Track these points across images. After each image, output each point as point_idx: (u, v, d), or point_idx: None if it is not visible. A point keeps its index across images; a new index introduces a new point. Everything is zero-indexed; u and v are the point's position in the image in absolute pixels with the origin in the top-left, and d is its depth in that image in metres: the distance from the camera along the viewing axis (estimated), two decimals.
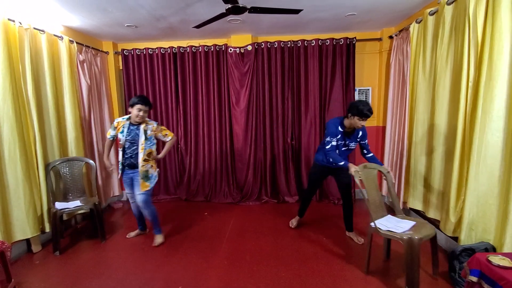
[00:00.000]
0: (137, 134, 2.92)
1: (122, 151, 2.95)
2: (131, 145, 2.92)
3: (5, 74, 2.64)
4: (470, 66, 2.37)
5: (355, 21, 3.68)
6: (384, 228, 2.30)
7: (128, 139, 2.91)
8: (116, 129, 2.95)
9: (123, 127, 2.93)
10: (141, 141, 2.92)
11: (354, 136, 2.92)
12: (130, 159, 2.95)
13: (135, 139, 2.92)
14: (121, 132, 2.92)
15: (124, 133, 2.91)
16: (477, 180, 2.35)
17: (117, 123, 2.96)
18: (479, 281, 1.82)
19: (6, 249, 2.29)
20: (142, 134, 2.92)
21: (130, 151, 2.93)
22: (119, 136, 2.94)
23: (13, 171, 2.73)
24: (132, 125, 2.93)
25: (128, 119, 2.95)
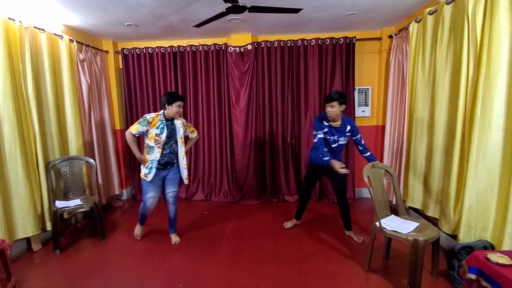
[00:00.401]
0: (173, 129, 2.88)
1: (160, 149, 2.82)
2: (168, 141, 2.85)
3: (6, 73, 2.64)
4: (469, 65, 2.39)
5: (354, 21, 3.69)
6: (389, 228, 2.31)
7: (166, 135, 2.82)
8: (150, 125, 2.77)
9: (160, 123, 2.80)
10: (180, 135, 2.91)
11: (342, 131, 2.93)
12: (169, 156, 2.88)
13: (172, 135, 2.87)
14: (157, 127, 2.78)
15: (163, 129, 2.80)
16: (477, 179, 2.36)
17: (151, 119, 2.78)
18: (478, 278, 1.84)
19: (6, 248, 2.29)
20: (180, 128, 2.90)
21: (168, 147, 2.86)
22: (155, 132, 2.78)
23: (13, 170, 2.74)
24: (167, 120, 2.86)
25: (163, 115, 2.84)
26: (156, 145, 2.81)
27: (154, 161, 2.83)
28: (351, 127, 2.94)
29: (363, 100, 4.32)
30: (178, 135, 2.90)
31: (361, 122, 4.36)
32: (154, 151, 2.83)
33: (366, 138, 4.32)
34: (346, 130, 2.92)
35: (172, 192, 3.01)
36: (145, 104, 4.47)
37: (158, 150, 2.82)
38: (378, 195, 2.54)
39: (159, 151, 2.82)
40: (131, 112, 4.50)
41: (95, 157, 3.94)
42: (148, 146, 2.86)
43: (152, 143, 2.81)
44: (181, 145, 2.93)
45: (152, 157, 2.83)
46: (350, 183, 4.30)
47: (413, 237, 2.15)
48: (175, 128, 2.89)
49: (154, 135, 2.79)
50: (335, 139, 2.94)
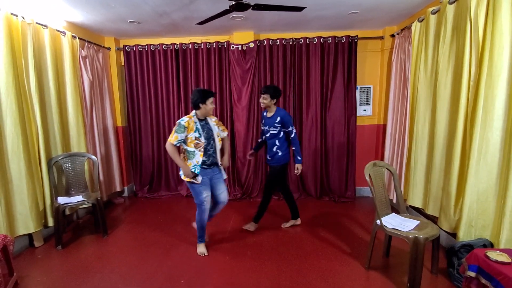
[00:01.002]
0: (209, 128, 2.74)
1: (201, 152, 2.67)
2: (209, 141, 2.70)
3: (8, 69, 2.65)
4: (471, 65, 2.40)
5: (357, 20, 3.69)
6: (390, 226, 2.33)
7: (204, 136, 2.67)
8: (188, 130, 2.61)
9: (196, 126, 2.64)
10: (216, 132, 2.77)
11: (271, 121, 3.10)
12: (213, 156, 2.75)
13: (210, 135, 2.72)
14: (195, 131, 2.63)
15: (201, 131, 2.65)
16: (477, 178, 2.38)
17: (186, 123, 2.60)
18: (477, 276, 1.86)
19: (8, 243, 2.31)
20: (214, 125, 2.78)
21: (210, 147, 2.72)
22: (194, 136, 2.62)
23: (16, 166, 2.75)
24: (200, 120, 2.71)
25: (194, 116, 2.69)
26: (196, 149, 2.66)
27: (197, 165, 2.67)
28: (281, 119, 3.05)
29: (364, 99, 4.33)
30: (214, 133, 2.76)
31: (363, 121, 4.37)
32: (195, 155, 2.67)
33: (367, 137, 4.40)
34: (276, 121, 3.06)
35: (225, 192, 2.90)
36: (146, 102, 4.47)
37: (200, 153, 2.67)
38: (379, 194, 2.55)
39: (200, 154, 2.67)
40: (132, 109, 4.50)
41: (97, 154, 3.95)
42: (187, 151, 2.70)
43: (191, 148, 2.66)
44: (218, 143, 2.78)
45: (194, 162, 2.68)
46: (351, 181, 4.31)
47: (413, 235, 2.17)
48: (210, 127, 2.75)
49: (194, 140, 2.63)
50: (266, 129, 3.16)
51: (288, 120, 3.05)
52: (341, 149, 4.26)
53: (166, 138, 4.52)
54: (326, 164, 4.35)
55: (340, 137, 4.24)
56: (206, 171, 2.75)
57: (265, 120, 3.17)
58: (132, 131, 4.56)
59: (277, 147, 3.12)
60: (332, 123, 4.25)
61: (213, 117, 2.86)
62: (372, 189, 2.42)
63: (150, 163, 4.62)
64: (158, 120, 4.52)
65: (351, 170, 4.29)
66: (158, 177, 4.66)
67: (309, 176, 4.37)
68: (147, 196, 4.59)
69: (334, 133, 4.26)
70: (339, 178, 4.33)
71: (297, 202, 3.48)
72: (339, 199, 4.25)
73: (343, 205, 4.12)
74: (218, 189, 2.86)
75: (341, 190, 4.34)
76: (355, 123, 4.21)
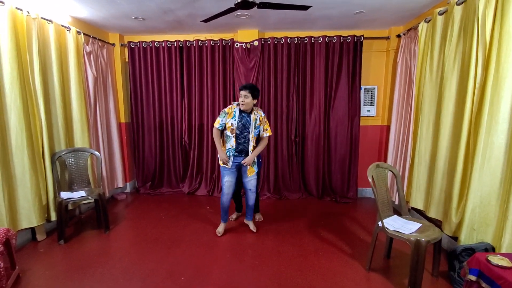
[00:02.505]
0: (248, 121, 2.94)
1: (234, 137, 2.94)
2: (243, 130, 2.94)
3: (13, 63, 2.66)
4: (478, 67, 2.37)
5: (363, 19, 3.67)
6: (392, 228, 2.32)
7: (240, 126, 2.92)
8: (227, 115, 2.92)
9: (234, 112, 2.92)
10: (252, 129, 2.95)
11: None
12: (244, 145, 2.98)
13: (246, 126, 2.94)
14: (233, 117, 2.91)
15: (236, 117, 2.91)
16: (481, 181, 2.36)
17: (228, 109, 2.94)
18: (478, 280, 1.86)
19: (11, 237, 2.33)
20: (252, 122, 2.94)
21: (242, 136, 2.95)
22: (230, 122, 2.91)
23: (19, 160, 2.76)
24: (243, 112, 2.93)
25: (238, 105, 2.94)
26: (231, 135, 2.94)
27: (231, 149, 2.97)
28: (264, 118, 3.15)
29: (368, 100, 4.31)
30: (250, 127, 2.94)
31: (366, 121, 4.35)
32: (230, 140, 2.96)
33: (370, 138, 4.37)
34: None
35: (252, 181, 3.09)
36: (150, 98, 4.48)
37: (233, 139, 2.94)
38: (382, 195, 2.54)
39: (234, 140, 2.94)
40: (136, 105, 4.51)
41: (100, 150, 3.96)
42: (226, 135, 2.99)
43: (228, 132, 2.95)
44: (251, 139, 2.97)
45: (228, 146, 2.98)
46: (353, 182, 4.30)
47: (415, 237, 2.16)
48: (249, 121, 2.94)
49: (230, 125, 2.93)
50: None
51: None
52: (344, 150, 4.24)
53: (169, 135, 4.55)
54: (328, 164, 4.34)
55: (343, 138, 4.22)
56: (236, 158, 3.00)
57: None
58: (135, 128, 4.57)
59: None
60: (335, 123, 4.24)
61: (259, 114, 2.99)
62: (375, 190, 2.40)
63: (152, 160, 4.64)
64: (161, 117, 4.52)
65: (354, 171, 4.28)
66: (161, 174, 4.68)
67: (311, 176, 4.37)
68: (149, 192, 4.61)
69: (337, 133, 4.25)
70: (341, 179, 4.32)
71: (299, 202, 3.48)
72: (341, 200, 4.24)
73: (345, 206, 4.11)
74: (245, 177, 3.08)
75: (343, 190, 4.33)
76: (358, 123, 4.19)
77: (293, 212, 3.80)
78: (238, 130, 2.93)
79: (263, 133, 3.05)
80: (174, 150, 4.59)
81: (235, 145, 2.95)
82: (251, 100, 2.89)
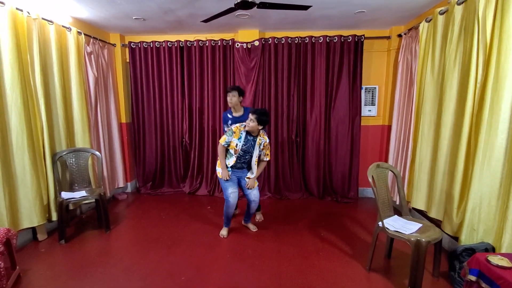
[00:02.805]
0: (252, 145, 2.98)
1: (236, 157, 2.98)
2: (244, 153, 2.99)
3: (14, 64, 2.67)
4: (478, 67, 2.37)
5: (364, 19, 3.66)
6: (392, 229, 2.31)
7: (244, 149, 2.96)
8: (234, 134, 2.94)
9: (241, 134, 2.94)
10: (256, 154, 3.00)
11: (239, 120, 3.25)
12: (242, 164, 3.06)
13: (250, 150, 2.99)
14: (239, 138, 2.93)
15: (242, 140, 2.93)
16: (481, 181, 2.35)
17: (236, 128, 2.96)
18: (478, 280, 1.86)
19: (12, 237, 2.34)
20: (257, 147, 2.99)
21: (244, 158, 3.02)
22: (235, 142, 2.94)
23: (20, 160, 2.77)
24: (249, 135, 2.96)
25: (244, 127, 2.95)
26: (234, 154, 2.98)
27: (229, 165, 3.04)
28: None
29: (369, 99, 4.30)
30: (254, 153, 3.00)
31: (367, 121, 4.34)
32: (231, 157, 3.02)
33: (371, 138, 4.36)
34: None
35: (253, 192, 3.09)
36: (151, 98, 4.49)
37: (235, 158, 2.99)
38: (382, 195, 2.53)
39: (234, 159, 3.00)
40: (137, 106, 4.52)
41: (101, 150, 3.97)
42: (228, 151, 3.04)
43: (232, 151, 2.98)
44: (254, 163, 3.03)
45: (229, 161, 3.04)
46: (354, 182, 4.29)
47: (415, 238, 2.15)
48: (254, 145, 2.98)
49: (235, 145, 2.94)
50: None
51: None
52: (344, 149, 4.24)
53: (169, 136, 4.55)
54: (329, 164, 4.34)
55: (344, 137, 4.21)
56: (235, 171, 3.07)
57: (232, 120, 3.32)
58: (136, 128, 4.58)
59: None
60: (336, 123, 4.23)
61: (264, 140, 3.01)
62: (375, 190, 2.40)
63: (153, 160, 4.65)
64: (162, 117, 4.53)
65: (355, 171, 4.27)
66: (161, 174, 4.69)
67: (312, 176, 4.36)
68: (150, 192, 4.62)
69: (338, 133, 4.24)
70: (342, 179, 4.31)
71: (299, 202, 3.47)
72: (342, 200, 4.24)
73: (346, 206, 4.10)
74: (246, 189, 3.09)
75: (344, 190, 4.33)
76: (359, 123, 4.19)
77: (294, 212, 3.80)
78: (241, 152, 2.96)
79: (263, 157, 3.10)
80: (175, 150, 4.60)
81: (234, 163, 3.01)
82: (256, 125, 2.86)
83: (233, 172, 3.06)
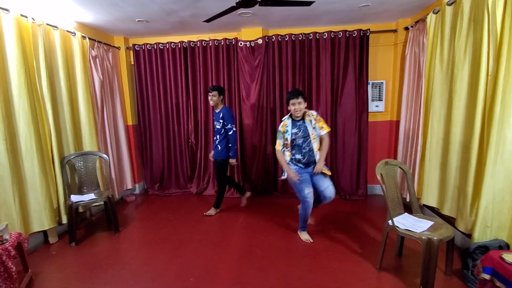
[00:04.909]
0: (306, 127, 2.82)
1: (296, 150, 2.84)
2: (304, 140, 2.81)
3: (20, 70, 2.70)
4: (489, 58, 2.29)
5: (369, 13, 3.58)
6: (402, 227, 2.26)
7: (300, 135, 2.82)
8: (282, 134, 2.86)
9: (287, 127, 2.85)
10: (311, 131, 2.82)
11: (217, 117, 3.47)
12: (309, 154, 2.84)
13: (306, 133, 2.81)
14: (286, 131, 2.84)
15: (289, 131, 2.83)
16: (494, 177, 2.28)
17: (282, 128, 2.87)
18: (492, 278, 1.81)
19: (23, 241, 2.38)
20: (309, 124, 2.82)
21: (306, 145, 2.83)
22: (287, 136, 2.84)
23: (29, 165, 2.81)
24: (296, 121, 2.84)
25: (290, 117, 2.87)
26: (286, 149, 2.89)
27: (290, 163, 2.90)
28: (223, 115, 3.39)
29: (377, 95, 4.22)
30: (310, 131, 2.82)
31: (375, 117, 4.26)
32: (285, 154, 2.90)
33: (379, 134, 4.29)
34: (220, 116, 3.42)
35: (330, 186, 2.89)
36: (156, 100, 4.50)
37: (288, 153, 2.88)
38: (391, 193, 2.48)
39: (288, 154, 2.88)
40: (142, 107, 4.54)
41: (108, 152, 4.01)
42: (292, 149, 2.90)
43: (284, 148, 2.90)
44: (313, 141, 2.83)
45: (297, 157, 2.87)
46: (363, 179, 4.23)
47: (427, 236, 2.10)
48: (307, 126, 2.82)
49: (288, 140, 2.85)
50: (215, 124, 3.55)
51: (228, 117, 3.38)
52: (352, 146, 4.18)
53: (175, 136, 4.56)
54: (336, 161, 4.28)
55: (351, 134, 4.15)
56: (304, 169, 2.87)
57: (214, 116, 3.55)
58: (142, 130, 4.60)
59: (218, 141, 3.51)
60: (343, 120, 4.17)
61: (312, 113, 2.85)
62: (384, 188, 2.35)
63: (160, 161, 4.67)
64: (167, 118, 4.55)
65: (363, 168, 4.21)
66: (168, 175, 4.71)
67: None
68: (157, 193, 4.65)
69: (345, 130, 4.18)
70: (350, 176, 4.26)
71: None
72: (350, 197, 4.18)
73: (354, 204, 4.05)
74: (320, 186, 2.89)
75: (352, 188, 4.27)
76: (366, 119, 4.11)
77: None
78: (299, 140, 2.82)
79: (320, 132, 2.84)
80: (181, 151, 4.61)
81: (302, 157, 2.83)
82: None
83: (303, 170, 2.87)
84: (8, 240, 2.20)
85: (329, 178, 2.93)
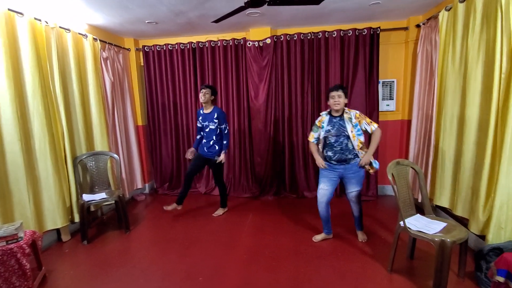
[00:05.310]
0: (341, 125, 2.70)
1: (328, 148, 2.77)
2: (337, 138, 2.71)
3: (34, 72, 2.76)
4: (503, 56, 2.24)
5: (379, 10, 3.53)
6: (415, 228, 2.22)
7: (333, 133, 2.72)
8: (318, 128, 2.83)
9: (323, 122, 2.79)
10: (349, 129, 2.68)
11: (211, 117, 3.46)
12: (341, 153, 2.72)
13: (341, 131, 2.70)
14: (323, 127, 2.78)
15: (324, 127, 2.76)
16: (509, 177, 2.23)
17: (319, 122, 2.82)
18: (506, 281, 1.77)
19: (37, 239, 2.43)
20: (347, 122, 2.69)
21: (337, 144, 2.73)
22: (322, 132, 2.79)
23: (43, 165, 2.88)
24: (334, 117, 2.76)
25: (328, 113, 2.81)
26: (320, 144, 2.88)
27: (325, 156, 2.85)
28: (218, 115, 3.43)
29: (387, 94, 4.16)
30: (348, 129, 2.68)
31: (385, 116, 4.20)
32: (328, 150, 2.79)
33: (390, 133, 4.23)
34: (214, 117, 3.44)
35: (354, 192, 2.84)
36: (165, 101, 4.55)
37: (326, 147, 2.80)
38: (403, 194, 2.44)
39: (331, 151, 2.77)
40: (152, 108, 4.59)
41: (119, 153, 4.07)
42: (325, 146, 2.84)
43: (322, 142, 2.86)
44: (353, 139, 2.69)
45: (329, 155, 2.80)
46: (373, 180, 4.18)
47: (440, 238, 2.05)
48: (344, 123, 2.70)
49: (322, 136, 2.80)
50: (206, 124, 3.50)
51: (224, 118, 3.46)
52: None
53: (184, 136, 4.60)
54: None
55: None
56: (334, 166, 2.79)
57: (202, 116, 3.52)
58: (152, 130, 4.66)
59: (214, 141, 3.50)
60: None
61: (353, 112, 2.73)
62: (395, 189, 2.31)
63: (169, 161, 4.71)
64: (176, 119, 4.58)
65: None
66: (178, 174, 4.75)
67: None
68: (167, 193, 4.69)
69: None
70: None
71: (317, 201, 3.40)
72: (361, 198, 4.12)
73: (365, 204, 3.97)
74: (347, 188, 2.87)
75: (362, 188, 4.19)
76: (377, 118, 4.06)
77: (311, 211, 3.74)
78: (331, 139, 2.73)
79: (368, 128, 2.71)
80: None
81: (333, 154, 2.74)
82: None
83: (334, 168, 2.78)
84: (23, 238, 2.26)
85: (361, 183, 2.84)
